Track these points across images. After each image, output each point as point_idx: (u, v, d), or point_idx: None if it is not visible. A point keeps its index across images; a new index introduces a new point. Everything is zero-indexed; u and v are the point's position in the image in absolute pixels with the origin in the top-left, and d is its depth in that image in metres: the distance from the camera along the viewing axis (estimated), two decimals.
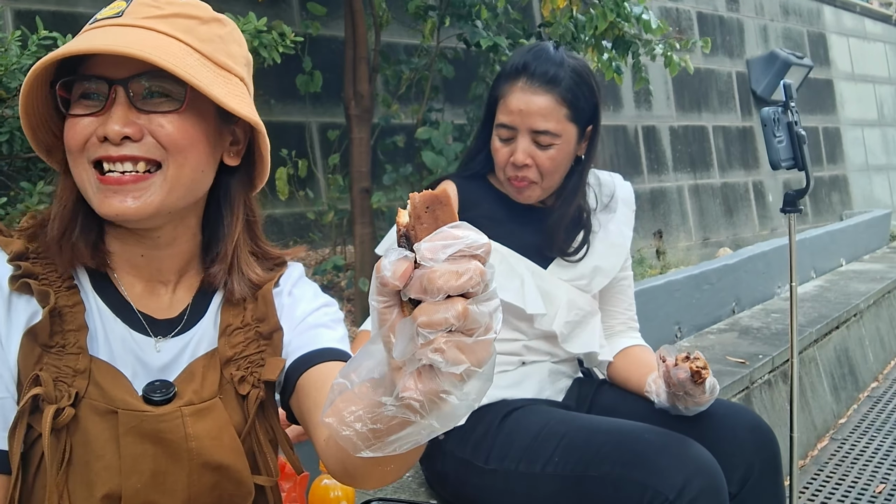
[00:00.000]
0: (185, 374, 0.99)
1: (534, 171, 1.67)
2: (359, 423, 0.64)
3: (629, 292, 1.89)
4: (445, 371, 0.58)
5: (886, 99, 9.34)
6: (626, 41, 3.68)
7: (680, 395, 1.57)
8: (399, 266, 0.58)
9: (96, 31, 0.92)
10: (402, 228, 0.61)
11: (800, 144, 1.99)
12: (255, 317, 1.04)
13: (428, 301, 0.58)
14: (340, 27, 3.41)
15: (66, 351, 0.91)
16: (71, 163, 0.94)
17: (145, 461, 0.91)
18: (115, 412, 0.91)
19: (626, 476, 1.43)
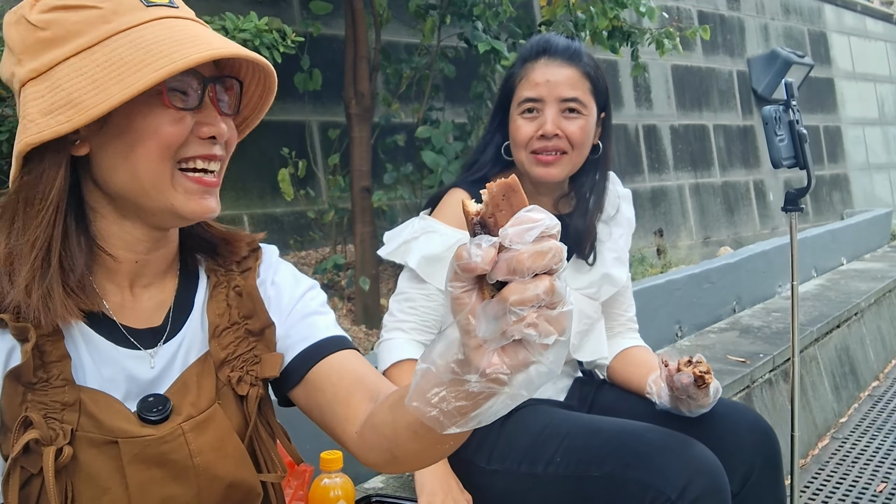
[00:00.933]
0: (178, 385, 0.95)
1: (564, 141, 1.62)
2: (444, 403, 0.68)
3: (628, 294, 1.89)
4: (539, 343, 0.63)
5: (887, 97, 9.33)
6: (623, 31, 3.70)
7: (683, 398, 1.57)
8: (488, 252, 0.62)
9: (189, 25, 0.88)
10: (475, 217, 0.65)
11: (801, 143, 1.98)
12: (241, 314, 1.01)
13: (517, 281, 0.62)
14: (341, 26, 3.41)
15: (51, 385, 0.85)
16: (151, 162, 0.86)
17: (153, 487, 0.88)
18: (114, 442, 0.87)
19: (628, 476, 1.42)
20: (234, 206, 3.32)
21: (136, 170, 0.87)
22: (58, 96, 0.83)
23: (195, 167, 0.90)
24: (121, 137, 0.86)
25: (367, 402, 0.97)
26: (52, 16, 0.85)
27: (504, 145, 1.70)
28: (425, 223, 1.69)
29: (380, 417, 0.91)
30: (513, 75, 1.68)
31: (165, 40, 0.84)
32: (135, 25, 0.85)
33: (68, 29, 0.84)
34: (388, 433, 0.88)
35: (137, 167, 0.87)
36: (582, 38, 3.57)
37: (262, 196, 3.43)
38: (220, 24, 2.59)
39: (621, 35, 3.69)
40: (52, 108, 0.83)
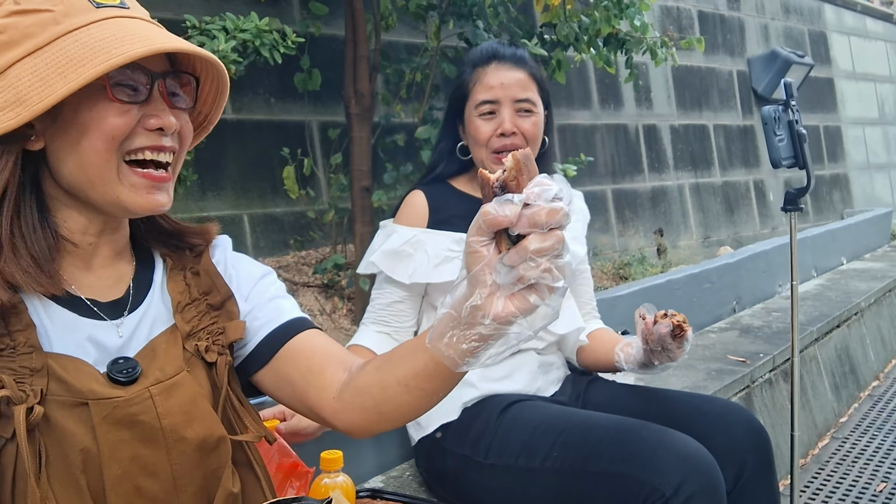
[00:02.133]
0: (146, 350, 0.98)
1: (520, 138, 1.74)
2: (460, 343, 0.81)
3: (590, 284, 2.04)
4: (549, 286, 0.76)
5: (887, 97, 9.33)
6: (618, 39, 3.71)
7: (657, 350, 1.63)
8: (513, 209, 0.75)
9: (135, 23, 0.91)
10: (497, 182, 0.77)
11: (801, 143, 1.98)
12: (201, 291, 1.06)
13: (535, 233, 0.75)
14: (341, 26, 3.41)
15: (18, 352, 0.88)
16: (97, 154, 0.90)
17: (124, 447, 0.90)
18: (84, 404, 0.89)
19: (623, 472, 1.44)
20: (234, 206, 3.33)
21: (83, 162, 0.91)
22: (8, 94, 0.87)
23: (143, 159, 0.93)
24: (69, 131, 0.90)
25: (340, 372, 1.04)
26: (8, 20, 0.90)
27: (458, 146, 1.82)
28: (386, 228, 1.83)
29: (364, 380, 1.00)
30: (465, 81, 1.80)
31: (109, 38, 0.88)
32: (83, 25, 0.89)
33: (22, 32, 0.89)
34: (376, 391, 0.98)
35: (83, 160, 0.91)
36: (583, 42, 3.58)
37: (262, 196, 3.44)
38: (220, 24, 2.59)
39: (616, 42, 3.70)
40: (3, 106, 0.87)
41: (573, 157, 4.04)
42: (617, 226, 5.42)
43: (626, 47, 3.73)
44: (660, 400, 1.76)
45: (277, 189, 3.44)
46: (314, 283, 3.39)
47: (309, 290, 3.33)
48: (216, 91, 1.04)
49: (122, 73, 0.90)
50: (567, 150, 5.04)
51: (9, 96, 0.87)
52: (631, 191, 5.59)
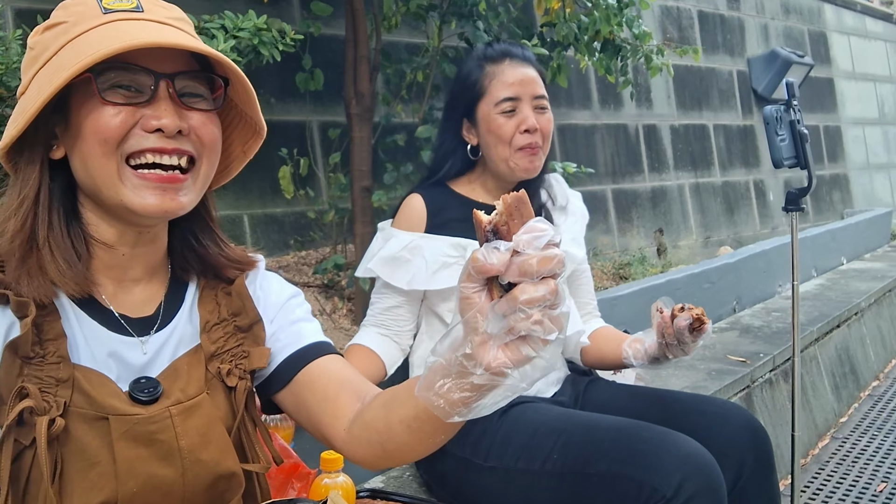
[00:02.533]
0: (169, 370, 0.98)
1: (538, 136, 1.74)
2: (450, 394, 0.76)
3: (590, 284, 2.03)
4: (541, 339, 0.71)
5: (887, 97, 9.33)
6: (615, 45, 3.70)
7: (673, 344, 1.62)
8: (502, 256, 0.70)
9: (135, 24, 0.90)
10: (489, 225, 0.73)
11: (802, 143, 1.98)
12: (230, 311, 1.05)
13: (526, 282, 0.70)
14: (341, 26, 3.41)
15: (47, 361, 0.89)
16: (96, 156, 0.89)
17: (140, 465, 0.90)
18: (105, 418, 0.90)
19: (623, 473, 1.43)
20: (234, 206, 3.32)
21: (87, 166, 0.91)
22: (19, 108, 0.90)
23: (147, 162, 0.91)
24: (76, 137, 0.91)
25: (354, 402, 1.02)
26: (39, 37, 0.93)
27: (469, 147, 1.80)
28: (385, 232, 1.83)
29: (371, 414, 0.97)
30: (477, 79, 1.77)
31: (96, 40, 0.87)
32: (84, 31, 0.90)
33: (44, 45, 0.92)
34: (381, 428, 0.95)
35: (87, 164, 0.91)
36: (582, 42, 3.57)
37: (263, 196, 3.43)
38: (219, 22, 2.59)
39: (613, 48, 3.70)
40: (15, 117, 0.90)
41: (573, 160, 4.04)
42: (617, 226, 5.41)
43: (622, 54, 3.73)
44: (659, 400, 1.76)
45: (277, 189, 3.44)
46: (314, 284, 3.38)
47: (309, 290, 3.32)
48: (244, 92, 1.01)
49: (119, 75, 0.89)
50: (567, 150, 5.04)
51: (18, 108, 0.90)
52: (631, 191, 5.59)
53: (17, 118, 0.89)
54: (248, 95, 0.98)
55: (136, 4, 0.93)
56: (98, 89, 0.88)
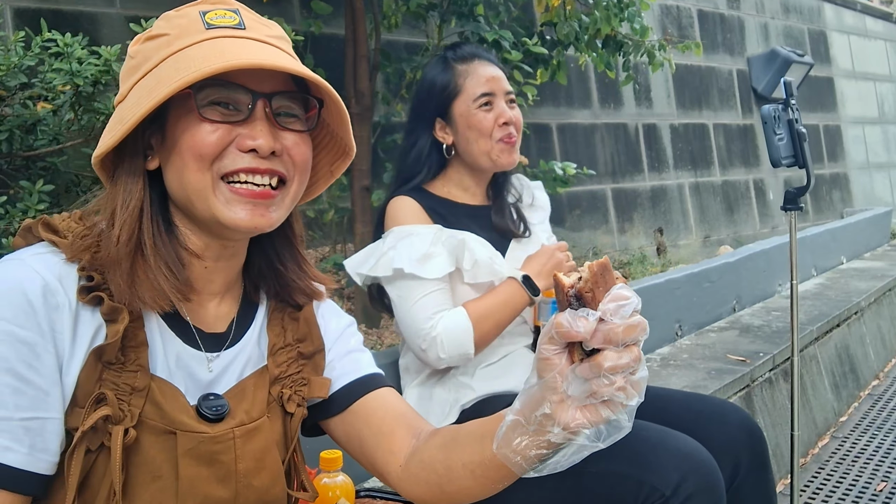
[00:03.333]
0: (236, 390, 0.98)
1: (514, 128, 1.83)
2: (528, 450, 0.80)
3: None
4: (626, 404, 0.74)
5: (887, 96, 9.33)
6: (617, 41, 3.70)
7: None
8: (589, 325, 0.72)
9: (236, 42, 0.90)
10: (571, 290, 0.75)
11: (800, 142, 1.98)
12: (296, 337, 1.06)
13: (610, 350, 0.72)
14: (341, 25, 3.41)
15: (126, 368, 0.89)
16: (191, 171, 0.90)
17: (200, 484, 0.91)
18: (173, 433, 0.90)
19: (622, 472, 1.44)
20: None
21: (182, 179, 0.92)
22: (118, 114, 0.91)
23: (240, 180, 0.92)
24: (172, 150, 0.92)
25: (409, 438, 1.04)
26: (140, 46, 0.94)
27: (445, 147, 1.83)
28: (395, 233, 1.77)
29: (430, 454, 0.99)
30: (450, 80, 1.83)
31: (199, 57, 0.88)
32: (186, 46, 0.90)
33: (145, 55, 0.92)
34: (441, 470, 0.97)
35: (183, 177, 0.91)
36: (583, 41, 3.57)
37: None
38: None
39: (615, 44, 3.70)
40: (113, 125, 0.91)
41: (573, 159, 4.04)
42: (617, 225, 5.42)
43: (624, 50, 3.73)
44: (654, 399, 1.77)
45: None
46: None
47: None
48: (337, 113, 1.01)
49: (218, 92, 0.90)
50: (567, 150, 5.04)
51: (117, 115, 0.91)
52: (631, 190, 5.59)
53: (115, 127, 0.89)
54: (341, 117, 0.98)
55: (238, 21, 0.94)
56: (197, 105, 0.89)
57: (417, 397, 1.80)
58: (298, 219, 1.08)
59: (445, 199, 1.85)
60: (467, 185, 1.87)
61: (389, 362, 2.01)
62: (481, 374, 1.76)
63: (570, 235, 4.87)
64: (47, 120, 2.08)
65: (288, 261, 1.07)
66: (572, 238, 4.86)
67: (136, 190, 0.92)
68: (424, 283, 1.71)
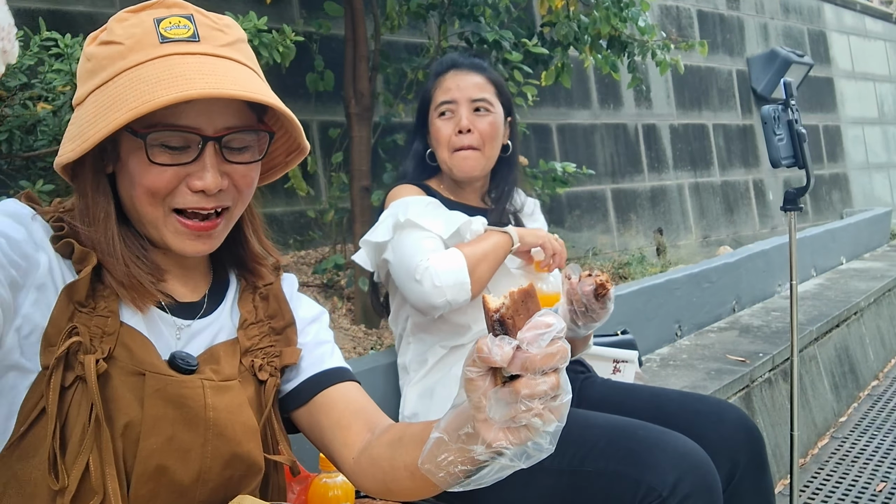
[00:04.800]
0: (206, 354, 1.01)
1: (476, 137, 1.79)
2: (451, 466, 0.81)
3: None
4: (543, 430, 0.75)
5: (887, 97, 9.33)
6: (621, 41, 3.70)
7: (581, 311, 1.66)
8: (506, 353, 0.73)
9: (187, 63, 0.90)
10: (495, 314, 0.75)
11: (800, 142, 1.99)
12: (266, 314, 1.10)
13: (528, 377, 0.73)
14: (341, 26, 3.41)
15: (97, 312, 0.93)
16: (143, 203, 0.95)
17: (165, 424, 0.93)
18: (142, 374, 0.93)
19: (620, 472, 1.44)
20: None
21: (135, 205, 0.96)
22: (75, 127, 0.92)
23: (188, 213, 0.96)
24: (124, 174, 0.95)
25: (365, 432, 1.07)
26: (96, 49, 0.94)
27: (428, 152, 1.88)
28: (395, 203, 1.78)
29: (378, 451, 1.02)
30: (427, 90, 1.88)
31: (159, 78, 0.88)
32: (141, 63, 0.91)
33: (100, 63, 0.93)
34: (386, 467, 0.99)
35: (135, 203, 0.96)
36: (583, 42, 3.57)
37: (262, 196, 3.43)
38: None
39: (619, 45, 3.70)
40: (71, 136, 0.92)
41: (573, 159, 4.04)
42: (616, 225, 5.42)
43: (629, 51, 3.73)
44: (653, 398, 1.78)
45: (277, 189, 3.44)
46: (314, 283, 3.39)
47: (308, 289, 3.33)
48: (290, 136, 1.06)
49: (166, 137, 0.92)
50: (567, 150, 5.04)
51: (74, 129, 0.92)
52: (630, 190, 5.59)
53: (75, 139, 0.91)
54: (293, 125, 1.02)
55: (192, 32, 0.93)
56: (146, 147, 0.91)
57: (418, 396, 1.80)
58: (252, 208, 1.11)
59: (445, 196, 1.87)
60: (455, 189, 1.90)
61: (389, 362, 2.01)
62: None
63: (570, 236, 4.87)
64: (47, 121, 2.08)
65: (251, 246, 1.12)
66: (571, 238, 4.86)
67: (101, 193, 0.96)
68: (422, 231, 1.72)
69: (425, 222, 1.72)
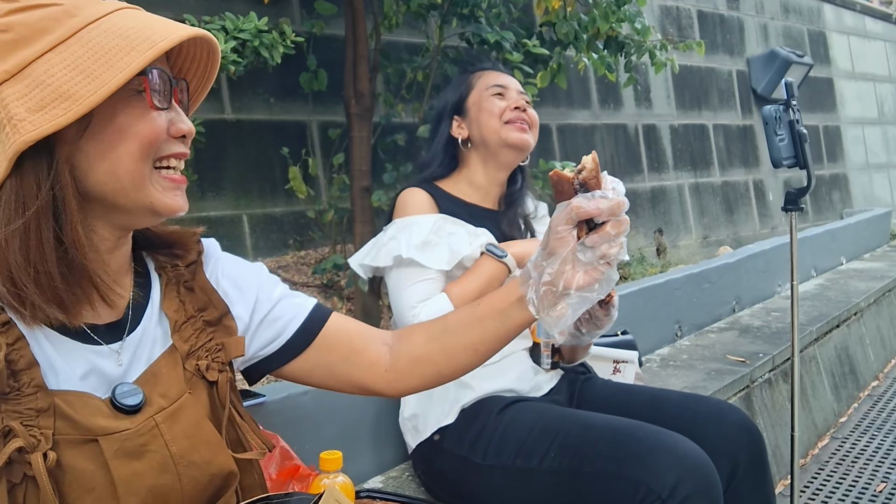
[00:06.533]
0: (147, 375, 0.94)
1: (528, 116, 1.87)
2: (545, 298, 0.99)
3: None
4: (622, 258, 0.97)
5: (886, 97, 9.33)
6: (618, 42, 3.70)
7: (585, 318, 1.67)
8: (606, 203, 0.94)
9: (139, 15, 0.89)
10: (576, 180, 0.96)
11: (801, 143, 1.98)
12: (196, 308, 1.03)
13: (613, 220, 0.94)
14: (341, 26, 3.41)
15: (24, 393, 0.83)
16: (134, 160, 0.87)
17: (138, 480, 0.88)
18: (94, 440, 0.86)
19: (619, 473, 1.44)
20: (234, 207, 3.32)
21: (116, 169, 0.87)
22: (45, 92, 0.81)
23: (168, 165, 0.92)
24: (101, 136, 0.86)
25: (380, 345, 1.13)
26: (11, 18, 0.84)
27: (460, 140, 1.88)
28: (397, 224, 1.80)
29: (421, 350, 1.11)
30: (463, 82, 1.92)
31: (137, 27, 0.85)
32: (102, 16, 0.86)
33: (33, 27, 0.83)
34: (440, 359, 1.10)
35: (117, 166, 0.87)
36: (581, 42, 3.57)
37: (262, 196, 3.43)
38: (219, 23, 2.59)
39: (616, 45, 3.70)
40: (43, 103, 0.81)
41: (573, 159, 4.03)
42: None
43: (626, 51, 3.73)
44: (653, 399, 1.77)
45: (277, 189, 3.44)
46: (313, 283, 3.38)
47: (308, 290, 3.32)
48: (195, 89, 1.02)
49: (160, 78, 0.88)
50: (567, 151, 5.04)
51: (46, 94, 0.81)
52: (630, 190, 5.58)
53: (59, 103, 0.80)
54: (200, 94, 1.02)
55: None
56: (151, 92, 0.87)
57: (417, 397, 1.80)
58: None
59: (457, 197, 1.86)
60: (480, 183, 1.88)
61: None
62: (481, 373, 1.75)
63: None
64: None
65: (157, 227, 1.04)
66: None
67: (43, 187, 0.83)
68: (421, 270, 1.73)
69: (427, 258, 1.72)
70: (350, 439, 1.89)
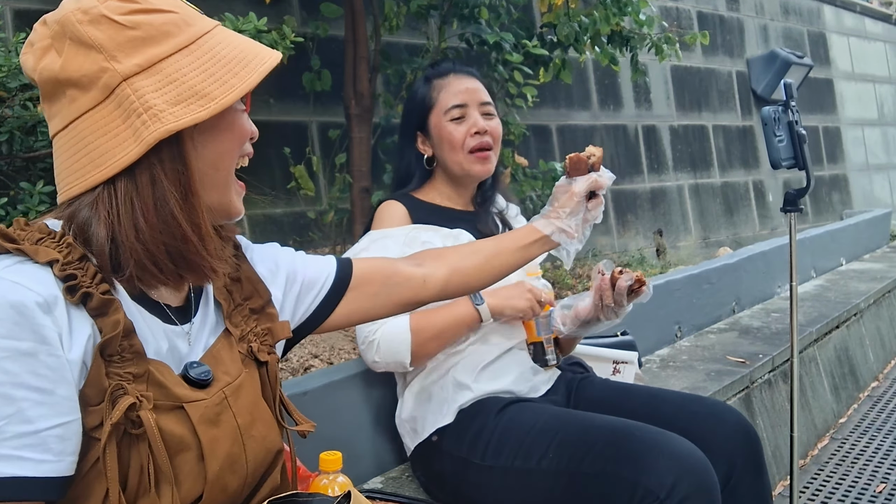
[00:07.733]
0: (208, 356, 1.01)
1: (489, 138, 1.85)
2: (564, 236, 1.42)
3: None
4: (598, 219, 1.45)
5: (886, 98, 9.34)
6: (622, 36, 3.70)
7: (609, 306, 1.76)
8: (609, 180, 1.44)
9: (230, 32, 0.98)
10: (591, 162, 1.43)
11: (800, 144, 1.99)
12: (242, 297, 1.10)
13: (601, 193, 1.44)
14: (341, 27, 3.41)
15: (124, 358, 0.89)
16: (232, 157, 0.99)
17: (219, 445, 0.94)
18: (181, 407, 0.92)
19: (617, 474, 1.44)
20: None
21: (218, 163, 0.97)
22: (180, 89, 0.89)
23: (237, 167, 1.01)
24: (212, 131, 0.95)
25: (414, 267, 1.30)
26: (137, 18, 0.90)
27: (425, 158, 1.89)
28: (372, 235, 1.84)
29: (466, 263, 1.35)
30: (425, 94, 1.89)
31: (239, 43, 0.96)
32: (210, 29, 0.95)
33: (159, 29, 0.91)
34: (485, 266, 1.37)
35: (221, 159, 0.97)
36: (583, 42, 3.58)
37: (263, 196, 3.43)
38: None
39: (620, 39, 3.70)
40: (180, 98, 0.89)
41: None
42: (616, 227, 5.42)
43: (631, 44, 3.73)
44: (651, 399, 1.78)
45: (277, 190, 3.44)
46: None
47: None
48: None
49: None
50: (567, 151, 5.03)
51: (182, 90, 0.89)
52: (630, 191, 5.59)
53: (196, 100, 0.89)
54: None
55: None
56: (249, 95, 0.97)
57: (415, 398, 1.81)
58: None
59: (433, 203, 1.89)
60: (450, 193, 1.91)
61: None
62: (479, 374, 1.76)
63: None
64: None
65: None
66: None
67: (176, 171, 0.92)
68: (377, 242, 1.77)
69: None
70: (350, 439, 1.89)
